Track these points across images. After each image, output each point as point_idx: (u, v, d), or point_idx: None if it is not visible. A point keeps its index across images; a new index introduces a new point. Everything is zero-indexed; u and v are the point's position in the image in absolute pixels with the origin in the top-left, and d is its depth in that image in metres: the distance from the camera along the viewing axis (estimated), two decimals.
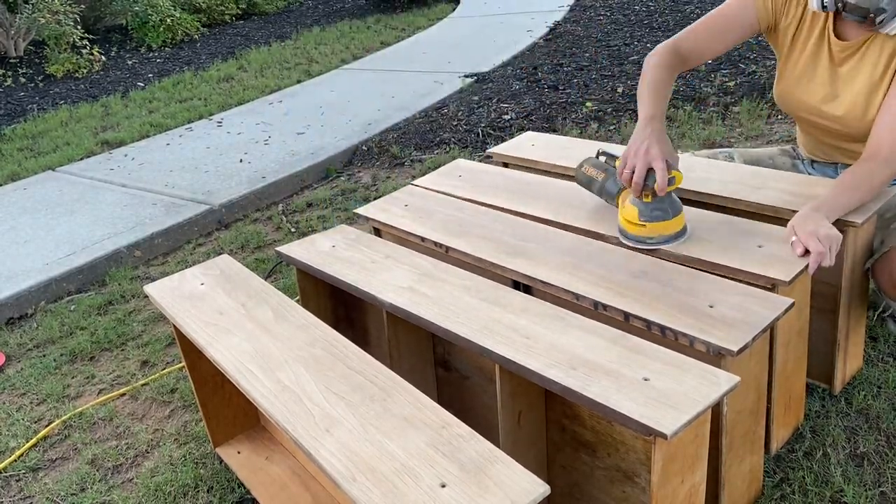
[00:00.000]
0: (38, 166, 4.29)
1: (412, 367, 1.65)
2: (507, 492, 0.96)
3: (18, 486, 1.86)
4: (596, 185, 1.73)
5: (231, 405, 1.81)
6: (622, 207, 1.58)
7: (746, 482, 1.44)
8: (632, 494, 1.28)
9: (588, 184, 1.76)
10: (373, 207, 1.96)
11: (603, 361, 1.21)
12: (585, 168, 1.77)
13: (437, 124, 4.11)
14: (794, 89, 1.74)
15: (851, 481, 1.49)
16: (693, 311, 1.32)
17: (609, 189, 1.69)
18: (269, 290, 1.60)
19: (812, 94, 1.71)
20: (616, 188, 1.67)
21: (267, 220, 3.33)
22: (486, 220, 1.79)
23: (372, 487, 1.01)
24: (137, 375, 2.26)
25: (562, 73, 4.73)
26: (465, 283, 1.52)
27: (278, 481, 1.65)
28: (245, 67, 6.34)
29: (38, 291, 2.82)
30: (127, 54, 7.47)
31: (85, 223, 3.36)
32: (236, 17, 9.06)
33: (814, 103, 1.71)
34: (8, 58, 7.35)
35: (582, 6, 6.86)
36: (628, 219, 1.56)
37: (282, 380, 1.28)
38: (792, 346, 1.49)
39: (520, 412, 1.34)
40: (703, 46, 1.75)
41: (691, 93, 3.92)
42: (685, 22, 5.51)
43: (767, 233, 1.52)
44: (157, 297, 1.65)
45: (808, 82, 1.71)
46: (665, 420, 1.07)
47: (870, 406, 1.67)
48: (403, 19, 7.71)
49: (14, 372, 2.39)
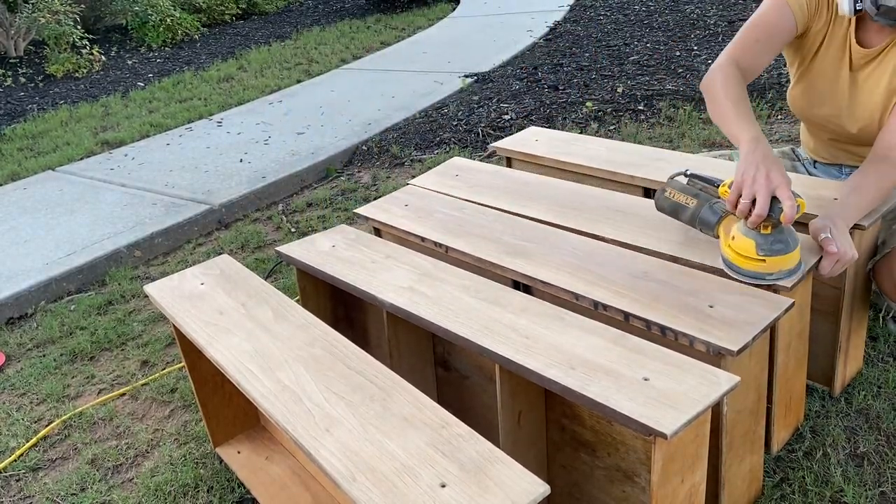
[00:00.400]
0: (38, 166, 4.29)
1: (412, 367, 1.65)
2: (507, 492, 0.96)
3: (18, 486, 1.86)
4: (686, 213, 1.52)
5: (231, 405, 1.81)
6: (730, 239, 1.40)
7: (746, 482, 1.44)
8: (632, 494, 1.28)
9: (675, 211, 1.55)
10: (373, 207, 1.96)
11: (603, 361, 1.21)
12: (670, 192, 1.56)
13: (437, 124, 4.11)
14: (814, 96, 1.71)
15: (851, 481, 1.49)
16: (693, 311, 1.32)
17: (706, 218, 1.48)
18: (268, 290, 1.60)
19: (832, 102, 1.69)
20: (715, 217, 1.47)
21: (267, 220, 3.33)
22: (486, 220, 1.79)
23: (372, 487, 1.01)
24: (137, 375, 2.26)
25: (562, 73, 4.73)
26: (465, 283, 1.52)
27: (278, 481, 1.65)
28: (245, 67, 6.34)
29: (38, 291, 2.82)
30: (127, 54, 7.47)
31: (85, 223, 3.36)
32: (236, 17, 9.06)
33: (832, 111, 1.69)
34: (8, 58, 7.35)
35: (582, 6, 6.86)
36: (742, 253, 1.37)
37: (282, 380, 1.28)
38: (793, 347, 1.49)
39: (520, 412, 1.34)
40: (758, 60, 1.65)
41: (691, 93, 3.92)
42: (685, 22, 5.51)
43: None
44: (157, 297, 1.65)
45: (829, 90, 1.69)
46: (665, 420, 1.07)
47: (870, 406, 1.67)
48: (403, 19, 7.71)
49: (14, 372, 2.39)
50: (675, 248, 1.53)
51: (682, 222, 1.55)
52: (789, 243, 1.36)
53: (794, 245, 1.37)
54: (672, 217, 1.57)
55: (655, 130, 3.54)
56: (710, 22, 5.39)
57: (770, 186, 1.32)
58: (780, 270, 1.36)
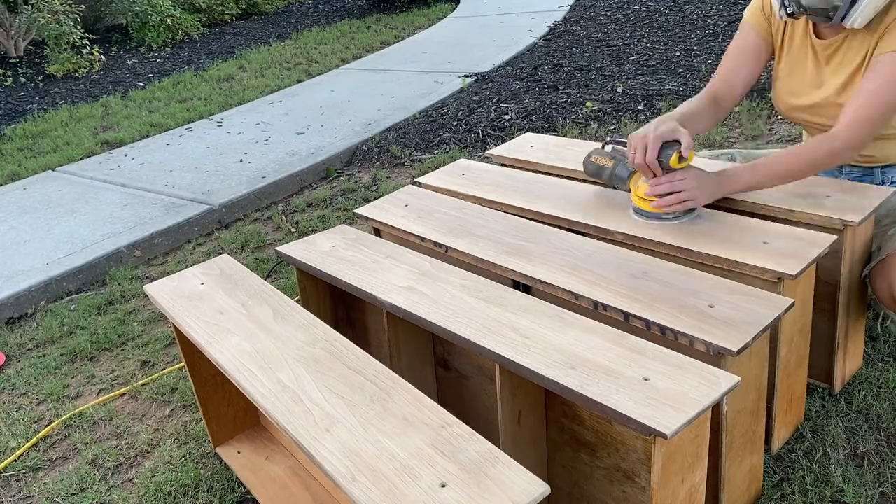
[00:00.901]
0: (38, 166, 4.29)
1: (412, 367, 1.65)
2: (508, 492, 0.96)
3: (18, 486, 1.86)
4: (606, 173, 1.76)
5: (231, 405, 1.81)
6: (636, 187, 1.64)
7: (746, 482, 1.44)
8: (632, 494, 1.28)
9: (597, 173, 1.79)
10: (373, 207, 1.96)
11: (603, 361, 1.21)
12: (594, 157, 1.80)
13: (437, 124, 4.11)
14: (784, 88, 1.79)
15: (851, 481, 1.49)
16: (693, 311, 1.32)
17: (619, 174, 1.72)
18: (269, 290, 1.60)
19: (800, 92, 1.75)
20: (627, 172, 1.71)
21: (267, 220, 3.33)
22: (486, 220, 1.79)
23: (372, 487, 1.01)
24: (137, 375, 2.26)
25: (562, 73, 4.73)
26: (465, 282, 1.52)
27: (278, 481, 1.65)
28: (245, 67, 6.34)
29: (38, 291, 2.82)
30: (127, 54, 7.47)
31: (85, 223, 3.36)
32: (236, 16, 9.06)
33: (802, 101, 1.75)
34: (8, 58, 7.35)
35: (582, 6, 6.86)
36: (644, 196, 1.61)
37: (282, 380, 1.28)
38: (794, 344, 1.49)
39: (520, 412, 1.34)
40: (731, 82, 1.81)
41: (691, 93, 3.92)
42: (685, 22, 5.51)
43: (772, 230, 1.52)
44: (157, 297, 1.65)
45: (797, 81, 1.75)
46: (665, 420, 1.07)
47: (870, 406, 1.67)
48: (403, 19, 7.71)
49: (14, 372, 2.39)
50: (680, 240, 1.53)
51: (604, 182, 1.80)
52: None
53: None
54: (595, 178, 1.83)
55: None
56: (710, 22, 5.39)
57: (656, 137, 1.55)
58: (676, 211, 1.60)
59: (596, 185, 1.88)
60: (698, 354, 1.27)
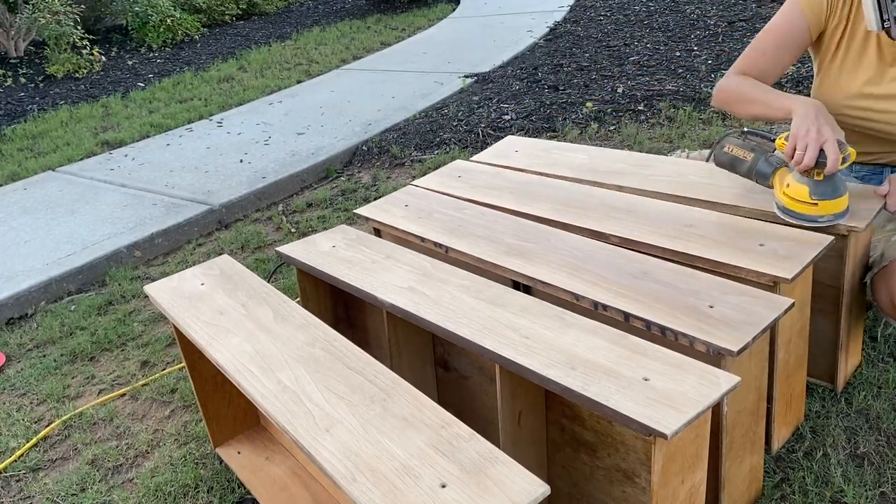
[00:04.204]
0: (38, 166, 4.30)
1: (412, 367, 1.65)
2: (508, 492, 0.96)
3: (18, 486, 1.86)
4: (743, 166, 1.66)
5: (231, 405, 1.81)
6: (785, 186, 1.54)
7: (746, 482, 1.44)
8: (632, 494, 1.28)
9: (731, 164, 1.68)
10: (373, 207, 1.96)
11: (603, 361, 1.21)
12: (729, 147, 1.69)
13: (437, 124, 4.11)
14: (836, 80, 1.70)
15: (851, 481, 1.49)
16: (693, 311, 1.32)
17: (762, 169, 1.62)
18: (269, 290, 1.60)
19: (854, 81, 1.67)
20: (770, 167, 1.61)
21: (267, 221, 3.33)
22: (486, 221, 1.79)
23: (372, 487, 1.01)
24: (137, 375, 2.26)
25: (562, 73, 4.73)
26: (465, 283, 1.52)
27: (278, 481, 1.65)
28: (245, 67, 6.34)
29: (38, 291, 2.82)
30: (127, 54, 7.47)
31: (85, 223, 3.36)
32: (236, 17, 9.06)
33: (855, 89, 1.67)
34: (8, 58, 7.35)
35: (582, 6, 6.86)
36: (797, 197, 1.52)
37: (282, 380, 1.28)
38: (793, 344, 1.49)
39: (520, 412, 1.34)
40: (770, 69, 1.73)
41: (691, 93, 3.92)
42: (685, 22, 5.51)
43: (769, 232, 1.52)
44: (157, 297, 1.65)
45: (852, 71, 1.68)
46: (665, 420, 1.07)
47: (870, 406, 1.67)
48: (403, 19, 7.71)
49: (14, 372, 2.39)
50: (677, 244, 1.53)
51: (739, 175, 1.69)
52: (839, 189, 1.50)
53: (844, 191, 1.51)
54: (729, 171, 1.71)
55: (655, 131, 3.54)
56: (710, 22, 5.39)
57: (820, 140, 1.46)
58: (830, 213, 1.50)
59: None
60: (698, 355, 1.27)
